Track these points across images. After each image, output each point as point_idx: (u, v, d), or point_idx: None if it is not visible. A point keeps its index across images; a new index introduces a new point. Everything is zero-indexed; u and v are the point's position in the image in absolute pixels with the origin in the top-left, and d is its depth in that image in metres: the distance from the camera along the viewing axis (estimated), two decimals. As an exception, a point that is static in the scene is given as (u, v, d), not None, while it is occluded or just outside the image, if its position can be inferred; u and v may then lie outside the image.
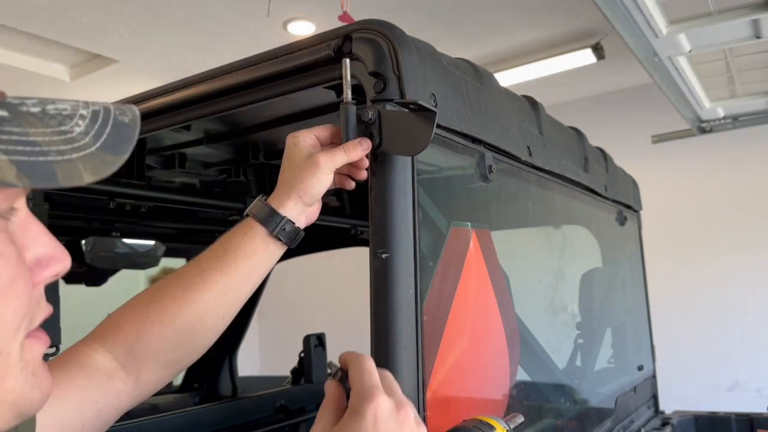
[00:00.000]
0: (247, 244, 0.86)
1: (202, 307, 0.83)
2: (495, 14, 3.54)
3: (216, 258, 0.86)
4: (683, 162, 4.45)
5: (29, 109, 0.45)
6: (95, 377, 0.77)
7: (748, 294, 4.24)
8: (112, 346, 0.80)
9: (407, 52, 0.88)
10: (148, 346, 0.81)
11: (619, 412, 1.65)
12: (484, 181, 1.07)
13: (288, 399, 2.27)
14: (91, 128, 0.47)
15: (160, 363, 0.82)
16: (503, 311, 1.13)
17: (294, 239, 0.89)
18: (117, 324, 0.82)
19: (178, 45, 3.79)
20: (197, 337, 0.84)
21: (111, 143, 0.47)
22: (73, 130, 0.46)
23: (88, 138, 0.46)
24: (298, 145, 0.87)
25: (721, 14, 1.77)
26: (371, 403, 0.63)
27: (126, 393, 0.80)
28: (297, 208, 0.88)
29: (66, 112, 0.46)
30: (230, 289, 0.85)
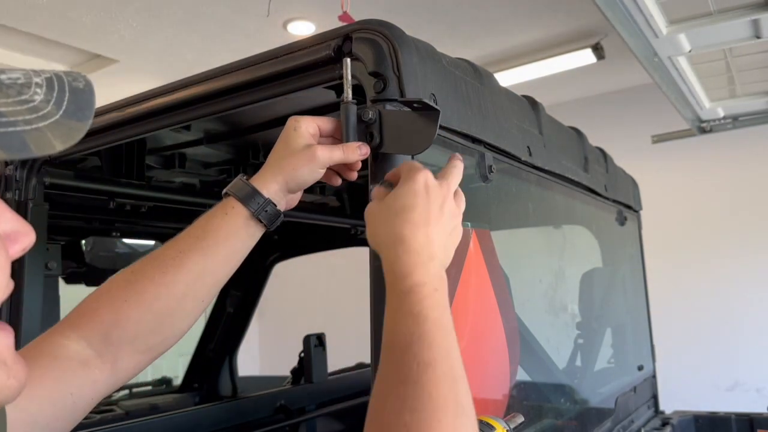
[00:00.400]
0: (229, 224, 0.84)
1: (182, 289, 0.81)
2: (495, 14, 3.54)
3: (195, 239, 0.83)
4: (683, 162, 4.45)
5: None
6: (69, 368, 0.74)
7: (748, 294, 4.24)
8: (87, 333, 0.77)
9: (407, 52, 0.88)
10: (125, 331, 0.78)
11: (619, 412, 1.65)
12: (484, 181, 1.07)
13: (288, 399, 2.27)
14: (51, 96, 0.46)
15: (138, 348, 0.80)
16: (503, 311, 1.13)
17: (274, 221, 0.86)
18: (92, 309, 0.79)
19: (178, 45, 3.79)
20: (176, 321, 0.82)
21: (73, 110, 0.46)
22: (34, 98, 0.45)
23: (51, 106, 0.45)
24: (299, 130, 0.85)
25: (721, 14, 1.77)
26: (422, 172, 0.74)
27: (102, 381, 0.77)
28: (281, 192, 0.85)
29: (21, 81, 0.46)
30: (209, 271, 0.83)
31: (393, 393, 0.60)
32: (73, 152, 1.31)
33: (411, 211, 0.71)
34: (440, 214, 0.73)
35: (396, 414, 0.58)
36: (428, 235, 0.71)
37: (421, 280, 0.67)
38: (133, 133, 1.22)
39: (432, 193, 0.73)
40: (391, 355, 0.63)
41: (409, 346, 0.62)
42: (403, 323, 0.64)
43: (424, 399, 0.58)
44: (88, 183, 1.56)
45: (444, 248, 0.73)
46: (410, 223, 0.70)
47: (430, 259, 0.70)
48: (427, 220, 0.71)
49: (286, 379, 2.53)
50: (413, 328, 0.63)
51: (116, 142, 1.26)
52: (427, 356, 0.61)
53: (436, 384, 0.60)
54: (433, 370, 0.60)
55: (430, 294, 0.67)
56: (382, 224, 0.73)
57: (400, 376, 0.61)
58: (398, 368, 0.62)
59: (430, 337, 0.63)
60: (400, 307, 0.66)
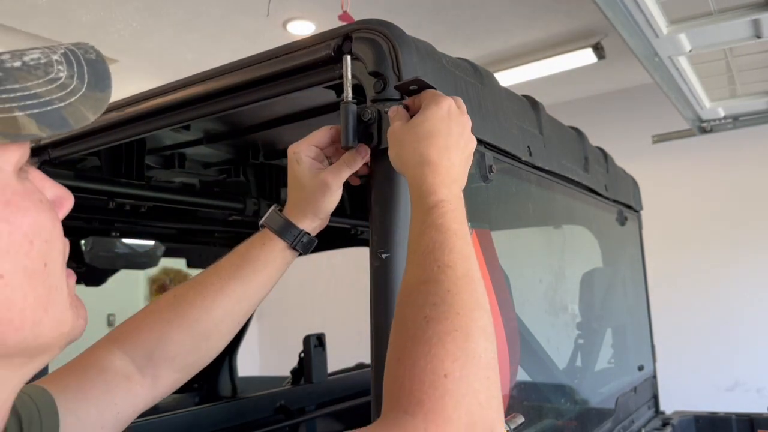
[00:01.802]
0: (267, 255, 0.90)
1: (220, 314, 0.87)
2: (495, 14, 3.54)
3: (235, 268, 0.89)
4: (683, 162, 4.45)
5: (13, 64, 0.48)
6: (114, 380, 0.79)
7: (748, 294, 4.24)
8: (131, 350, 0.83)
9: (407, 51, 0.88)
10: (166, 351, 0.84)
11: (619, 412, 1.65)
12: (484, 181, 1.07)
13: (288, 399, 2.27)
14: (72, 71, 0.50)
15: (176, 366, 0.85)
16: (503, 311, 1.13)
17: (309, 248, 0.93)
18: (136, 328, 0.86)
19: (177, 45, 3.79)
20: (212, 342, 0.88)
21: (94, 82, 0.51)
22: (60, 76, 0.49)
23: (75, 81, 0.50)
24: (301, 162, 0.89)
25: (722, 14, 1.76)
26: (447, 99, 0.78)
27: (142, 396, 0.82)
28: (314, 224, 0.92)
29: (42, 60, 0.50)
30: (246, 297, 0.89)
31: (415, 291, 0.65)
32: (72, 152, 1.31)
33: (437, 135, 0.75)
34: (460, 139, 0.78)
35: (418, 308, 0.63)
36: (451, 159, 0.75)
37: (445, 197, 0.72)
38: (133, 133, 1.21)
39: (455, 120, 0.78)
40: (415, 259, 0.69)
41: (431, 252, 0.68)
42: (426, 233, 0.69)
43: (444, 294, 0.64)
44: (87, 183, 1.56)
45: (463, 171, 0.79)
46: (436, 147, 0.75)
47: (453, 181, 0.75)
48: (450, 146, 0.76)
49: (286, 379, 2.53)
50: (435, 237, 0.69)
51: (116, 142, 1.26)
52: (447, 259, 0.67)
53: (455, 282, 0.65)
54: (452, 270, 0.66)
55: (452, 210, 0.72)
56: (408, 145, 0.77)
57: (422, 276, 0.66)
58: (421, 270, 0.67)
59: (451, 244, 0.68)
60: (425, 220, 0.71)
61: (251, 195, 1.93)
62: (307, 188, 0.89)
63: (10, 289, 0.47)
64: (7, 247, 0.47)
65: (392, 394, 0.59)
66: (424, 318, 0.62)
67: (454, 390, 0.58)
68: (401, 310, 0.66)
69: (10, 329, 0.47)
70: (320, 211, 0.90)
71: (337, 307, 5.49)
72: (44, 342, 0.50)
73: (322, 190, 0.88)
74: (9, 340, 0.48)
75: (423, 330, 0.61)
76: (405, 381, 0.58)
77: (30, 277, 0.48)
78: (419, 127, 0.76)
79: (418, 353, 0.59)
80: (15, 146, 0.49)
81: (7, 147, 0.48)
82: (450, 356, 0.59)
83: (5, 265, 0.47)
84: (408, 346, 0.61)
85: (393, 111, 0.82)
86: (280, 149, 1.80)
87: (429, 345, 0.60)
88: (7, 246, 0.47)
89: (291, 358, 2.54)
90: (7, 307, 0.47)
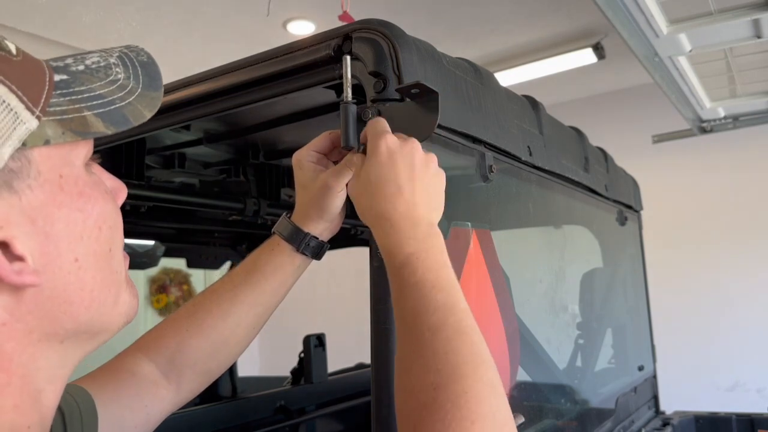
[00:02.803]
0: (275, 260, 0.92)
1: (235, 320, 0.90)
2: (495, 14, 3.54)
3: (246, 274, 0.92)
4: (684, 162, 4.45)
5: (77, 68, 0.53)
6: (143, 384, 0.84)
7: (748, 293, 4.24)
8: (155, 357, 0.87)
9: (407, 51, 0.88)
10: (187, 356, 0.88)
11: (619, 412, 1.65)
12: (484, 181, 1.07)
13: (288, 399, 2.26)
14: (128, 73, 0.56)
15: (197, 372, 0.89)
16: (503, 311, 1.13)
17: (319, 253, 0.93)
18: (158, 336, 0.90)
19: (178, 45, 3.79)
20: (230, 347, 0.92)
21: (148, 82, 0.56)
22: (118, 77, 0.55)
23: (132, 82, 0.55)
24: (303, 168, 0.90)
25: (722, 14, 1.76)
26: (381, 140, 0.75)
27: (168, 399, 0.87)
28: (320, 227, 0.92)
29: (102, 63, 0.55)
30: (259, 303, 0.92)
31: (415, 361, 0.65)
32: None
33: (384, 184, 0.73)
34: (412, 173, 0.74)
35: (422, 377, 0.63)
36: (407, 202, 0.73)
37: (411, 250, 0.70)
38: (133, 132, 1.21)
39: (399, 155, 0.74)
40: (404, 326, 0.68)
41: (417, 315, 0.67)
42: (407, 296, 0.68)
43: (443, 359, 0.63)
44: (87, 183, 1.55)
45: (428, 205, 0.75)
46: (385, 197, 0.73)
47: (414, 226, 0.72)
48: (403, 186, 0.73)
49: (286, 379, 2.52)
50: (416, 297, 0.67)
51: (116, 141, 1.26)
52: (433, 320, 0.65)
53: (449, 342, 0.64)
54: (442, 331, 0.65)
55: (423, 259, 0.70)
56: (364, 201, 0.76)
57: (416, 344, 0.65)
58: (413, 338, 0.66)
59: (432, 302, 0.67)
60: (400, 281, 0.70)
61: (251, 195, 1.93)
62: (310, 191, 0.90)
63: (83, 271, 0.52)
64: (81, 233, 0.52)
65: None
66: (432, 385, 0.61)
67: None
68: (405, 379, 0.65)
69: (81, 308, 0.53)
70: (324, 213, 0.90)
71: (337, 307, 5.49)
72: (107, 321, 0.56)
73: (324, 192, 0.88)
74: (80, 318, 0.53)
75: (433, 398, 0.60)
76: None
77: (98, 260, 0.54)
78: (365, 180, 0.76)
79: (434, 420, 0.59)
80: (83, 143, 0.53)
81: (77, 144, 0.52)
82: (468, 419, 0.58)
83: (80, 249, 0.52)
84: (423, 415, 0.60)
85: (348, 161, 0.83)
86: (280, 149, 1.80)
87: (444, 411, 0.59)
88: (81, 232, 0.52)
89: (291, 358, 2.54)
90: (80, 287, 0.52)
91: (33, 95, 0.48)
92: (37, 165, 0.49)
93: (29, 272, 0.48)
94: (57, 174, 0.51)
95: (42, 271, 0.49)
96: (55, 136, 0.49)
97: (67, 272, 0.51)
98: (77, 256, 0.52)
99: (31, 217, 0.49)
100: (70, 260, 0.51)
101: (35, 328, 0.50)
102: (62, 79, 0.51)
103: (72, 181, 0.52)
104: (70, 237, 0.51)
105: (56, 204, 0.50)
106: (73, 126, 0.50)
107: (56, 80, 0.51)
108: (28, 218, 0.48)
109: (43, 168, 0.50)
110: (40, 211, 0.49)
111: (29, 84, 0.49)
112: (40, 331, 0.51)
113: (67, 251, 0.51)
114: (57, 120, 0.49)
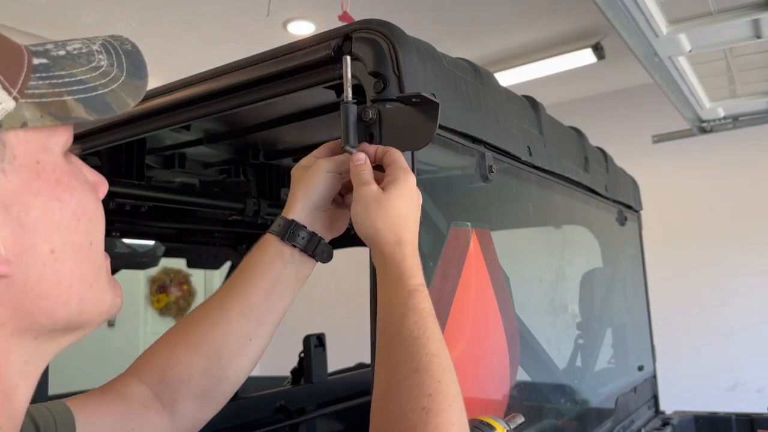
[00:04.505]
0: (262, 257, 0.85)
1: (225, 328, 0.83)
2: (495, 14, 3.54)
3: (235, 278, 0.86)
4: (683, 162, 4.44)
5: (58, 53, 0.51)
6: (131, 406, 0.78)
7: (748, 293, 4.24)
8: (146, 376, 0.82)
9: (407, 52, 0.88)
10: (178, 371, 0.81)
11: (619, 412, 1.65)
12: (484, 181, 1.07)
13: (288, 399, 2.26)
14: (111, 60, 0.53)
15: (193, 391, 0.82)
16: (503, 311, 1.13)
17: (311, 246, 0.86)
18: (148, 355, 0.84)
19: (178, 45, 3.79)
20: (225, 361, 0.84)
21: (132, 70, 0.54)
22: (101, 65, 0.52)
23: (115, 69, 0.53)
24: (299, 165, 0.88)
25: (722, 14, 1.76)
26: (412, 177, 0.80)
27: (162, 425, 0.80)
28: (305, 210, 0.85)
29: (84, 50, 0.53)
30: (251, 306, 0.84)
31: (408, 379, 0.67)
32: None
33: (410, 216, 0.79)
34: (419, 218, 0.81)
35: (415, 398, 0.66)
36: (416, 238, 0.79)
37: (422, 281, 0.76)
38: (133, 133, 1.21)
39: (417, 199, 0.80)
40: (400, 343, 0.70)
41: (417, 339, 0.70)
42: (409, 317, 0.71)
43: (436, 385, 0.66)
44: (87, 183, 1.55)
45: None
46: (410, 229, 0.78)
47: (419, 263, 0.78)
48: (416, 225, 0.80)
49: (286, 379, 2.53)
50: (420, 323, 0.71)
51: (116, 141, 1.26)
52: (433, 347, 0.69)
53: (443, 372, 0.68)
54: (439, 360, 0.69)
55: (427, 296, 0.74)
56: (384, 222, 0.77)
57: (412, 365, 0.68)
58: (411, 358, 0.69)
59: (432, 331, 0.71)
60: (407, 303, 0.72)
61: (251, 195, 1.93)
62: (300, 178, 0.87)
63: (60, 263, 0.50)
64: (59, 224, 0.50)
65: None
66: (423, 409, 0.64)
67: None
68: (396, 396, 0.67)
69: (58, 303, 0.50)
70: (313, 194, 0.85)
71: (337, 307, 5.48)
72: (86, 318, 0.53)
73: (311, 171, 0.85)
74: (57, 314, 0.50)
75: (425, 422, 0.64)
76: None
77: (77, 253, 0.51)
78: (396, 204, 0.77)
79: None
80: (63, 129, 0.51)
81: (56, 130, 0.50)
82: None
83: (56, 240, 0.49)
84: None
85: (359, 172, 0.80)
86: (280, 149, 1.80)
87: None
88: (58, 222, 0.50)
89: (291, 358, 2.54)
90: (57, 281, 0.50)
91: (10, 77, 0.46)
92: (13, 148, 0.47)
93: (1, 262, 0.46)
94: (34, 160, 0.49)
95: (15, 262, 0.47)
96: (33, 119, 0.47)
97: (42, 264, 0.49)
98: (53, 248, 0.49)
99: (5, 203, 0.47)
100: (45, 251, 0.49)
101: (7, 322, 0.48)
102: (42, 63, 0.49)
103: (50, 168, 0.50)
104: (46, 227, 0.49)
105: (32, 191, 0.48)
106: (52, 110, 0.48)
107: (35, 63, 0.49)
108: (0, 204, 0.47)
109: (18, 152, 0.48)
110: (14, 198, 0.47)
111: (6, 65, 0.47)
112: (13, 326, 0.49)
113: (42, 242, 0.48)
114: (35, 102, 0.47)
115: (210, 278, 6.95)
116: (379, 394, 0.69)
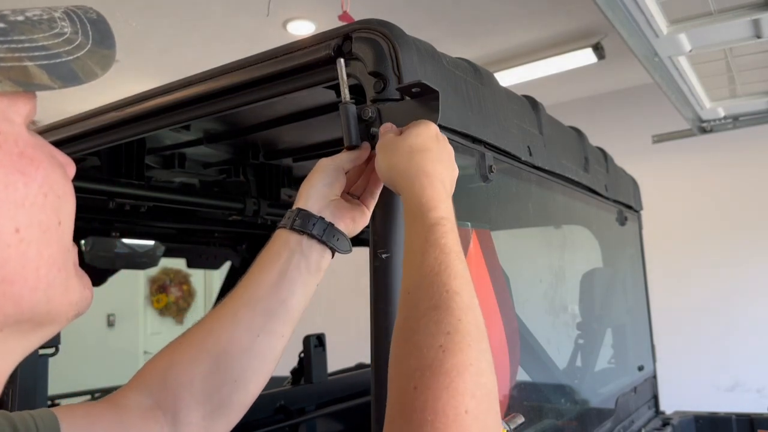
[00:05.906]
0: (269, 248, 0.84)
1: (232, 320, 0.79)
2: (495, 14, 3.54)
3: (245, 275, 0.84)
4: (684, 162, 4.45)
5: (16, 18, 0.47)
6: (127, 415, 0.73)
7: (748, 293, 4.24)
8: (147, 382, 0.77)
9: (407, 51, 0.88)
10: (181, 373, 0.76)
11: (619, 412, 1.65)
12: (484, 181, 1.07)
13: (288, 399, 2.26)
14: (76, 28, 0.49)
15: (197, 396, 0.76)
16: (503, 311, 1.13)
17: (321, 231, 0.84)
18: (151, 362, 0.80)
19: (178, 45, 3.79)
20: (232, 360, 0.78)
21: (99, 39, 0.50)
22: (65, 32, 0.48)
23: (80, 37, 0.49)
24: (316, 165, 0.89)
25: (722, 14, 1.76)
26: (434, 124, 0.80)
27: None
28: (312, 199, 0.85)
29: (45, 17, 0.49)
30: (258, 298, 0.80)
31: (426, 316, 0.64)
32: (72, 152, 1.31)
33: (431, 150, 0.77)
34: (450, 162, 0.79)
35: (432, 336, 0.62)
36: (443, 175, 0.76)
37: (445, 215, 0.72)
38: (133, 132, 1.21)
39: (442, 142, 0.80)
40: (419, 279, 0.67)
41: (438, 275, 0.66)
42: (429, 253, 0.68)
43: (456, 323, 0.63)
44: (87, 183, 1.56)
45: (451, 194, 0.77)
46: (431, 160, 0.75)
47: (447, 197, 0.74)
48: (444, 160, 0.77)
49: (286, 379, 2.53)
50: (441, 258, 0.67)
51: (116, 141, 1.26)
52: (454, 285, 0.66)
53: (464, 310, 0.64)
54: (460, 297, 0.65)
55: (452, 229, 0.71)
56: (403, 155, 0.76)
57: (432, 301, 0.64)
58: (429, 294, 0.65)
59: (456, 268, 0.67)
60: (427, 238, 0.69)
61: (251, 195, 1.93)
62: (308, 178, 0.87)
63: (26, 244, 0.45)
64: (23, 199, 0.45)
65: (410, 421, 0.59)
66: (440, 347, 0.61)
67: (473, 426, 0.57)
68: (412, 334, 0.64)
69: (25, 288, 0.45)
70: (314, 187, 0.85)
71: (337, 308, 5.48)
72: (54, 308, 0.49)
73: (317, 171, 0.87)
74: (23, 301, 0.46)
75: (440, 361, 0.60)
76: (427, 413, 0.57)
77: (45, 233, 0.47)
78: (413, 139, 0.77)
79: (439, 386, 0.58)
80: (24, 98, 0.47)
81: (17, 98, 0.47)
82: (469, 392, 0.59)
83: (21, 218, 0.45)
84: (427, 376, 0.59)
85: (384, 127, 0.83)
86: (280, 149, 1.80)
87: (449, 378, 0.59)
88: (23, 198, 0.45)
89: (291, 358, 2.54)
90: (23, 264, 0.45)
91: None
92: None
93: None
94: None
95: None
96: None
97: (6, 245, 0.44)
98: (18, 226, 0.44)
99: None
100: (9, 231, 0.44)
101: None
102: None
103: (12, 139, 0.46)
104: (9, 203, 0.44)
105: None
106: (12, 75, 0.44)
107: None
108: None
109: None
110: None
111: None
112: None
113: (6, 219, 0.44)
114: None
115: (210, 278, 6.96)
116: (398, 331, 0.66)
